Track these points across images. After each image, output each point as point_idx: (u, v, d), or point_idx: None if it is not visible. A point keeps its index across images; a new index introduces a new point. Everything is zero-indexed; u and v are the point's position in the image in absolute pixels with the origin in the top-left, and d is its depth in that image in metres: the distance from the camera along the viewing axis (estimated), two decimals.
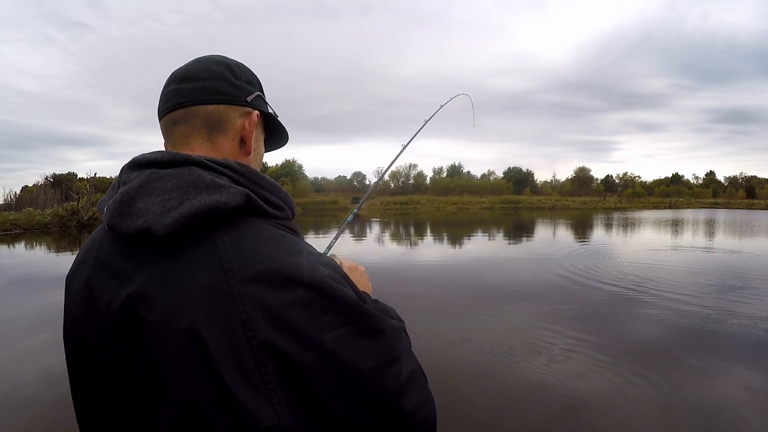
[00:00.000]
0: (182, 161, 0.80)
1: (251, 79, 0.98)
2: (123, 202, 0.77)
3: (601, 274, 10.33)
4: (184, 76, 0.92)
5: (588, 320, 6.72)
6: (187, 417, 0.70)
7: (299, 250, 0.78)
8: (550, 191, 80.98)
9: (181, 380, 0.70)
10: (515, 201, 59.45)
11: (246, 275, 0.71)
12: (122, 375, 0.77)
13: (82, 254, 0.91)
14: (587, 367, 4.98)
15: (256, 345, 0.68)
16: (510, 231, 24.46)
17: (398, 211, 51.68)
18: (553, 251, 14.27)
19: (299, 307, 0.71)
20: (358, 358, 0.73)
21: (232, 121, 0.92)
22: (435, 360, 5.19)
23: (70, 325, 0.88)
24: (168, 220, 0.72)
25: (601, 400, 4.20)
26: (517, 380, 4.64)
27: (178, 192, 0.75)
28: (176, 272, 0.74)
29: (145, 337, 0.73)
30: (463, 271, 11.23)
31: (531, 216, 38.27)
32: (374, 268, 11.96)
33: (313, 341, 0.70)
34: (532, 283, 9.37)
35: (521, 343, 5.74)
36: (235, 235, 0.76)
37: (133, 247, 0.79)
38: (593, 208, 51.79)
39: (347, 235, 24.35)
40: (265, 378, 0.68)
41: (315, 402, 0.70)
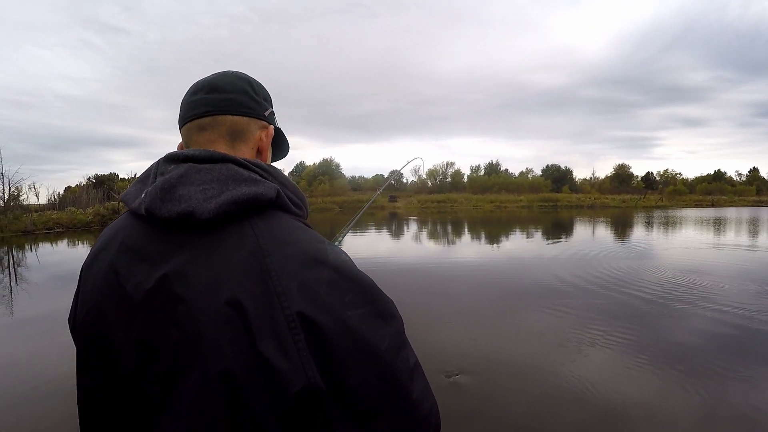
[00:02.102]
0: (220, 158, 0.88)
1: (267, 96, 1.08)
2: (164, 188, 0.83)
3: (641, 274, 10.20)
4: (211, 87, 1.00)
5: (628, 322, 6.64)
6: (220, 387, 0.75)
7: (321, 239, 0.88)
8: (589, 189, 79.64)
9: (218, 350, 0.75)
10: (554, 199, 58.91)
11: (280, 254, 0.80)
12: (142, 357, 0.82)
13: (102, 242, 0.96)
14: (627, 371, 4.92)
15: (291, 314, 0.75)
16: (548, 230, 24.24)
17: (435, 209, 51.64)
18: (593, 251, 14.14)
19: (326, 284, 0.79)
20: (374, 336, 0.80)
21: (252, 133, 1.01)
22: (471, 361, 5.26)
23: (85, 311, 0.92)
24: (211, 206, 0.80)
25: (641, 406, 4.13)
26: (554, 383, 4.62)
27: (218, 183, 0.83)
28: (216, 251, 0.80)
29: (179, 314, 0.78)
30: (501, 271, 11.29)
31: (570, 214, 37.89)
32: (411, 266, 12.19)
33: (338, 316, 0.77)
34: (570, 284, 9.33)
35: (559, 346, 5.73)
36: (268, 223, 0.84)
37: (169, 231, 0.85)
38: (633, 206, 50.93)
39: (384, 233, 24.57)
40: (299, 345, 0.75)
41: (338, 371, 0.76)
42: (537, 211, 45.59)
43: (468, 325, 6.74)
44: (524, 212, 43.14)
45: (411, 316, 7.30)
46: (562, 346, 5.71)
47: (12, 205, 32.13)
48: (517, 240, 19.07)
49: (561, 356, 5.38)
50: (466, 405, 4.22)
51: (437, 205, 57.19)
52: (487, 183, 76.72)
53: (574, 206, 52.85)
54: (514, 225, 27.94)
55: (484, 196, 63.02)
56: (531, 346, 5.71)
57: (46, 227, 28.60)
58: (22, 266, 14.40)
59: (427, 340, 6.05)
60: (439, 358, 5.38)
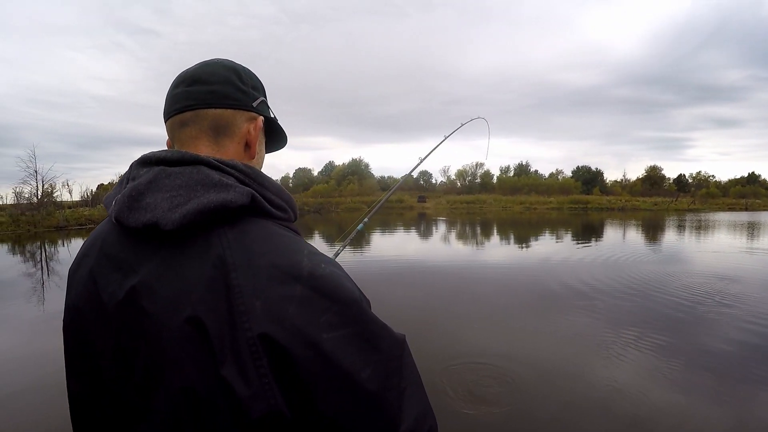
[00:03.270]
0: (191, 160, 0.83)
1: (257, 85, 1.01)
2: (132, 196, 0.80)
3: (673, 279, 10.08)
4: (192, 79, 0.94)
5: (657, 328, 6.55)
6: (185, 403, 0.72)
7: (300, 249, 0.80)
8: (620, 191, 78.86)
9: (180, 368, 0.72)
10: (584, 201, 58.39)
11: (247, 268, 0.74)
12: (120, 365, 0.80)
13: (86, 247, 0.94)
14: (655, 378, 4.87)
15: (252, 337, 0.70)
16: (578, 232, 24.12)
17: (464, 210, 51.65)
18: (623, 255, 14.05)
19: (297, 304, 0.72)
20: (354, 363, 0.72)
21: (239, 126, 0.94)
22: (498, 364, 5.28)
23: (71, 315, 0.90)
24: (176, 216, 0.75)
25: (670, 415, 4.08)
26: (582, 388, 4.63)
27: (186, 189, 0.78)
28: (180, 265, 0.76)
29: (146, 327, 0.75)
30: (529, 273, 11.27)
31: (600, 217, 37.52)
32: (439, 267, 12.35)
33: (309, 339, 0.70)
34: (599, 288, 9.27)
35: (587, 350, 5.73)
36: (238, 232, 0.78)
37: (139, 240, 0.82)
38: (665, 209, 50.19)
39: (413, 233, 24.74)
40: (260, 371, 0.70)
41: (307, 398, 0.70)
42: (567, 213, 45.34)
43: (496, 327, 6.80)
44: (554, 214, 42.92)
45: (438, 317, 7.53)
46: (590, 351, 5.73)
47: (45, 201, 33.21)
48: (546, 242, 19.03)
49: (589, 361, 5.40)
50: (491, 408, 4.28)
51: (466, 206, 57.27)
52: (517, 184, 76.47)
53: (605, 208, 52.31)
54: (543, 227, 27.86)
55: (514, 198, 62.85)
56: (559, 351, 5.73)
57: (78, 223, 29.54)
58: (53, 260, 15.01)
59: (455, 341, 6.17)
60: (466, 360, 5.48)
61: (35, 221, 29.84)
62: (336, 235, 24.41)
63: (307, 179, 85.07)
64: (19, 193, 36.70)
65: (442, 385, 4.78)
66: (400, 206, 57.91)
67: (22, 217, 30.30)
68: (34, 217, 30.37)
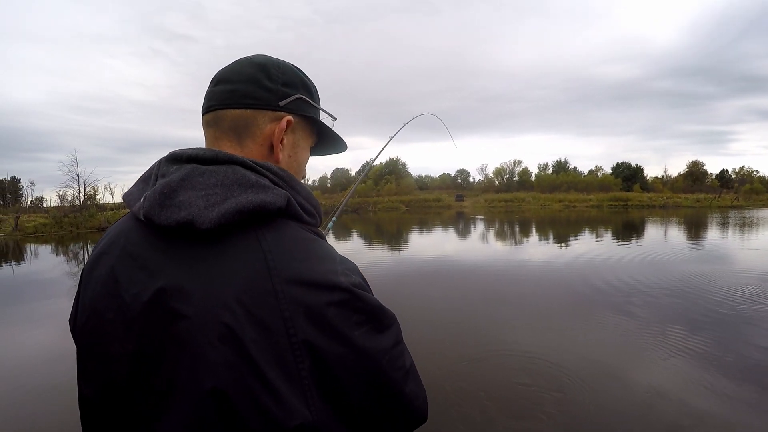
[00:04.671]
0: (225, 159, 0.82)
1: (290, 81, 0.95)
2: (164, 193, 0.77)
3: (716, 280, 9.83)
4: (218, 79, 0.93)
5: (700, 331, 6.40)
6: (212, 406, 0.71)
7: (333, 256, 0.82)
8: (661, 188, 77.04)
9: (214, 371, 0.71)
10: (624, 198, 57.35)
11: (289, 275, 0.74)
12: (137, 370, 0.77)
13: (104, 245, 0.90)
14: (696, 383, 4.76)
15: (297, 342, 0.72)
16: (619, 231, 23.74)
17: (502, 208, 51.28)
18: (665, 254, 13.92)
19: (336, 308, 0.75)
20: (377, 351, 0.79)
21: (260, 127, 0.91)
22: (537, 366, 5.30)
23: (86, 316, 0.87)
24: (213, 214, 0.74)
25: (711, 424, 3.98)
26: (621, 393, 4.57)
27: (222, 188, 0.77)
28: (217, 266, 0.75)
29: (176, 330, 0.74)
30: (569, 273, 11.23)
31: (641, 215, 36.79)
32: (477, 266, 12.42)
33: (345, 336, 0.75)
34: (640, 289, 9.15)
35: (627, 353, 5.69)
36: (276, 235, 0.78)
37: (167, 239, 0.80)
38: (707, 206, 48.96)
39: (451, 232, 24.79)
40: (302, 374, 0.72)
41: (340, 395, 0.75)
42: (607, 211, 44.58)
43: (534, 327, 6.81)
44: (593, 212, 42.32)
45: (477, 316, 7.67)
46: (630, 354, 5.69)
47: (88, 204, 34.35)
48: (586, 241, 18.82)
49: (629, 364, 5.35)
50: (529, 409, 4.35)
51: (504, 205, 56.85)
52: (556, 182, 75.46)
53: (646, 206, 51.25)
54: (582, 225, 27.55)
55: (552, 195, 62.10)
56: (598, 352, 5.70)
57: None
58: None
59: (493, 341, 6.29)
60: (505, 359, 5.60)
61: (78, 223, 31.18)
62: (374, 235, 24.66)
63: (344, 179, 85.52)
64: (62, 196, 38.06)
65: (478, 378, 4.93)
66: (438, 205, 57.89)
67: (65, 219, 31.67)
68: (76, 219, 31.73)
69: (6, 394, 5.02)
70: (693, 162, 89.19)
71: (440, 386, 4.83)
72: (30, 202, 61.40)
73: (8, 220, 31.44)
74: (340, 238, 22.86)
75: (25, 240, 25.82)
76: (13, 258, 18.46)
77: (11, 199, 67.39)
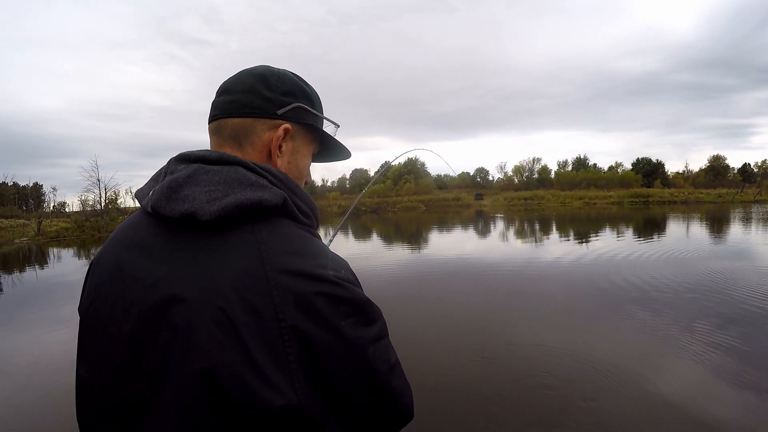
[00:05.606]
0: (229, 161, 0.88)
1: (290, 90, 1.00)
2: (171, 188, 0.84)
3: (740, 278, 9.58)
4: (222, 90, 1.00)
5: (725, 331, 6.25)
6: (203, 387, 0.75)
7: (325, 253, 0.88)
8: (682, 183, 76.30)
9: (206, 352, 0.75)
10: (645, 195, 56.78)
11: (280, 265, 0.80)
12: (132, 352, 0.82)
13: (114, 237, 0.97)
14: (721, 387, 4.66)
15: (286, 327, 0.76)
16: (640, 228, 23.49)
17: (522, 206, 51.10)
18: (687, 251, 13.71)
19: (324, 297, 0.79)
20: (363, 341, 0.83)
21: (259, 134, 0.96)
22: (559, 366, 5.28)
23: (89, 300, 0.93)
24: (213, 208, 0.80)
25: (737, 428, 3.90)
26: (643, 395, 4.48)
27: (224, 185, 0.83)
28: (215, 255, 0.81)
29: (173, 313, 0.78)
30: (590, 271, 11.13)
31: (662, 211, 36.44)
32: (498, 265, 12.37)
33: (332, 325, 0.79)
34: (663, 287, 9.04)
35: (650, 354, 5.60)
36: (271, 229, 0.84)
37: (172, 230, 0.86)
38: (730, 201, 48.22)
39: (470, 230, 24.75)
40: (289, 357, 0.76)
41: (327, 383, 0.79)
42: (627, 207, 44.17)
43: (556, 327, 6.77)
44: (614, 209, 41.93)
45: (498, 316, 7.65)
46: (652, 355, 5.60)
47: (109, 207, 34.88)
48: (607, 239, 18.65)
49: (651, 365, 5.25)
50: (550, 409, 4.33)
51: (524, 203, 56.61)
52: (575, 179, 75.19)
53: (667, 202, 50.65)
54: (603, 223, 27.34)
55: (572, 193, 61.75)
56: (620, 353, 5.62)
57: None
58: None
59: (514, 340, 6.28)
60: (526, 360, 5.60)
61: (99, 226, 31.59)
62: (393, 235, 24.67)
63: (363, 179, 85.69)
64: (84, 200, 38.65)
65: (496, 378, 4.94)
66: (457, 204, 57.73)
67: (87, 223, 32.20)
68: (98, 223, 32.21)
69: (31, 397, 5.09)
70: (714, 156, 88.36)
71: (458, 385, 4.85)
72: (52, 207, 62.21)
73: (31, 225, 32.05)
74: (360, 238, 22.99)
75: (47, 244, 26.13)
76: (37, 262, 18.74)
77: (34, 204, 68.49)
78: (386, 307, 5.18)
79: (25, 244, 26.48)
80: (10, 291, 12.07)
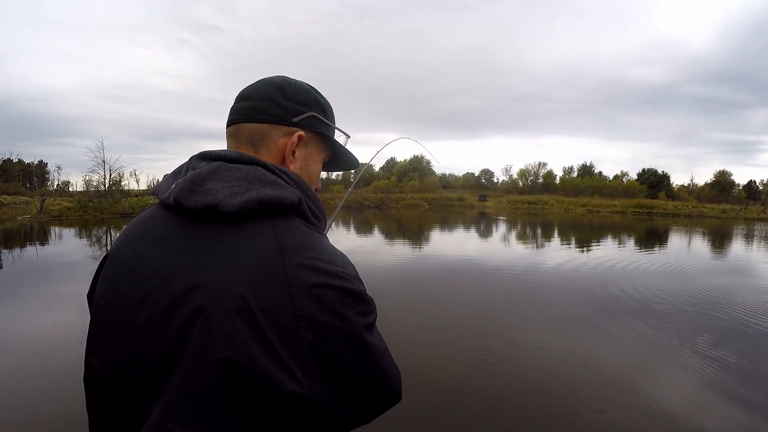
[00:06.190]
0: (249, 160, 0.94)
1: (304, 100, 1.05)
2: (194, 181, 0.89)
3: (738, 295, 9.64)
4: (242, 96, 1.06)
5: (721, 347, 6.28)
6: (219, 373, 0.79)
7: (335, 251, 0.95)
8: (686, 196, 76.14)
9: (225, 338, 0.79)
10: (649, 206, 56.57)
11: (296, 258, 0.85)
12: (145, 337, 0.85)
13: (130, 230, 1.00)
14: (715, 402, 4.66)
15: (301, 316, 0.82)
16: (642, 239, 23.44)
17: (525, 210, 51.07)
18: (688, 265, 13.73)
19: (334, 290, 0.86)
20: (365, 327, 0.91)
21: (274, 140, 1.02)
22: (557, 373, 5.27)
23: (103, 291, 0.96)
24: (236, 201, 0.86)
25: None
26: (643, 409, 4.42)
27: (245, 182, 0.89)
28: (236, 245, 0.85)
29: (192, 300, 0.82)
30: (590, 279, 11.14)
31: (665, 223, 36.30)
32: (499, 268, 12.34)
33: (341, 315, 0.86)
34: (661, 299, 9.09)
35: (645, 367, 5.57)
36: (288, 225, 0.91)
37: (194, 222, 0.90)
38: (734, 217, 48.09)
39: (473, 232, 24.73)
40: (303, 344, 0.82)
41: (333, 365, 0.86)
42: (631, 217, 44.01)
43: (555, 334, 6.77)
44: (617, 218, 41.83)
45: (499, 317, 7.65)
46: (647, 367, 5.59)
47: (113, 189, 34.97)
48: (608, 248, 18.63)
49: (646, 378, 5.22)
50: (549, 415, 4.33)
51: (527, 207, 56.55)
52: (580, 185, 75.19)
53: (670, 214, 50.39)
54: (606, 231, 27.30)
55: (576, 199, 61.63)
56: (616, 363, 5.61)
57: (142, 210, 31.25)
58: None
59: (516, 341, 6.27)
60: (527, 363, 5.59)
61: (102, 207, 31.70)
62: (395, 232, 24.67)
63: (368, 174, 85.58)
64: (88, 181, 38.71)
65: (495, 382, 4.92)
66: (461, 204, 57.74)
67: (90, 203, 32.25)
68: (101, 204, 32.26)
69: (29, 375, 5.09)
70: (720, 171, 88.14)
71: (458, 384, 4.84)
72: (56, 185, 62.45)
73: (34, 203, 32.10)
74: (362, 233, 23.02)
75: (49, 223, 26.19)
76: (38, 240, 18.77)
77: (38, 182, 68.49)
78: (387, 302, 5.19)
79: (27, 222, 26.53)
80: (9, 268, 12.09)
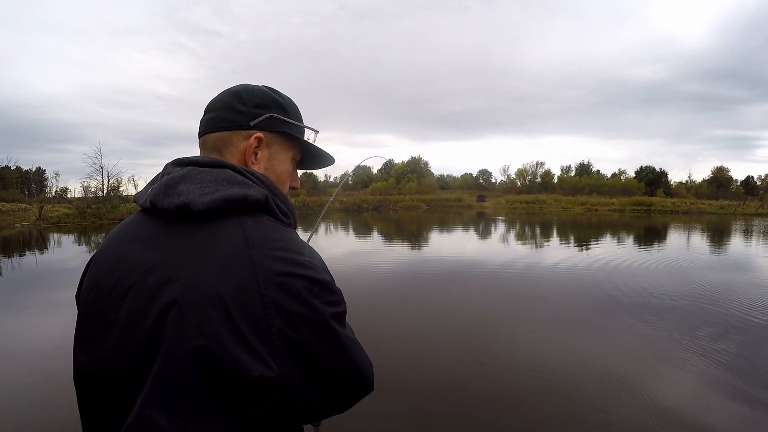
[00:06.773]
0: (219, 164, 1.01)
1: (262, 102, 1.11)
2: (168, 184, 0.96)
3: (738, 291, 9.61)
4: (206, 109, 1.13)
5: (721, 343, 6.24)
6: (194, 362, 0.85)
7: (301, 242, 1.01)
8: (684, 193, 76.17)
9: (198, 327, 0.85)
10: (647, 203, 56.67)
11: (263, 250, 0.91)
12: (127, 329, 0.92)
13: (114, 234, 1.07)
14: (714, 399, 4.64)
15: (268, 303, 0.87)
16: (641, 236, 23.44)
17: (524, 210, 51.16)
18: (687, 261, 13.73)
19: (301, 279, 0.91)
20: (333, 316, 0.95)
21: (236, 144, 1.08)
22: (555, 372, 5.26)
23: (89, 288, 1.03)
24: (205, 200, 0.93)
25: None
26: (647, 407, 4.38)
27: (214, 183, 0.96)
28: (206, 242, 0.92)
29: (167, 293, 0.89)
30: (589, 278, 11.11)
31: (663, 220, 36.35)
32: (498, 268, 12.34)
33: (308, 302, 0.91)
34: (661, 296, 9.07)
35: (644, 364, 5.56)
36: (255, 220, 0.97)
37: (168, 222, 0.97)
38: (732, 213, 48.08)
39: (471, 232, 24.72)
40: (271, 329, 0.87)
41: (303, 352, 0.91)
42: (629, 215, 44.17)
43: (555, 332, 6.77)
44: (615, 216, 41.92)
45: (498, 317, 7.65)
46: (647, 365, 5.57)
47: (111, 195, 34.97)
48: (607, 246, 18.57)
49: (645, 375, 5.19)
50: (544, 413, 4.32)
51: (525, 206, 56.72)
52: (578, 184, 75.23)
53: (669, 211, 50.42)
54: (604, 229, 27.31)
55: (575, 198, 61.73)
56: (617, 361, 5.59)
57: None
58: None
59: (515, 337, 6.27)
60: (525, 364, 5.59)
61: (100, 214, 31.79)
62: (394, 233, 24.66)
63: (366, 176, 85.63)
64: (86, 187, 38.65)
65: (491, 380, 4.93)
66: (459, 205, 57.83)
67: (88, 209, 32.29)
68: (99, 210, 32.31)
69: (29, 382, 5.07)
70: (718, 168, 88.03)
71: (454, 386, 4.84)
72: (54, 192, 62.19)
73: (32, 210, 31.96)
74: (361, 235, 23.06)
75: (48, 229, 26.19)
76: (37, 246, 18.75)
77: (36, 189, 68.31)
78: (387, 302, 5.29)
79: (25, 229, 26.49)
80: (9, 275, 12.08)
